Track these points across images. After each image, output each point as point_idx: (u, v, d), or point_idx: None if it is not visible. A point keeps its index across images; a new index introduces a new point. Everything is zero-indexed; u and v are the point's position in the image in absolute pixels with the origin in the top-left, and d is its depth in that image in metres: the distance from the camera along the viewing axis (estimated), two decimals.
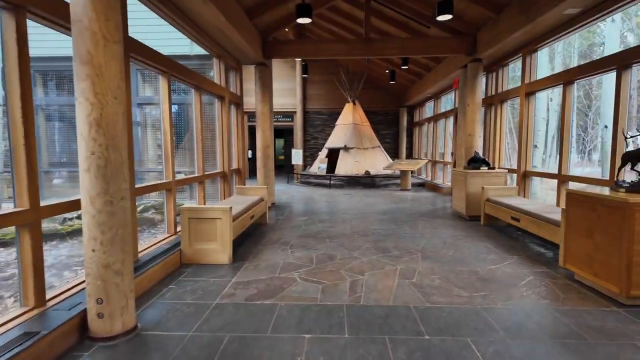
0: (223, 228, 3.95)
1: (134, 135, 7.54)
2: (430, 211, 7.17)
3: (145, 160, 8.66)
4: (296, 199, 8.92)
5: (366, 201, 8.52)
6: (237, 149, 7.30)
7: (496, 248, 4.52)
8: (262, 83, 7.28)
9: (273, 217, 6.62)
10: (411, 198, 9.07)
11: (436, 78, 9.69)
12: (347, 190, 10.80)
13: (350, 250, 4.45)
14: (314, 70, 14.75)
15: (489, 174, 6.14)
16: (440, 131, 11.61)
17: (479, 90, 7.07)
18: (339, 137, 12.60)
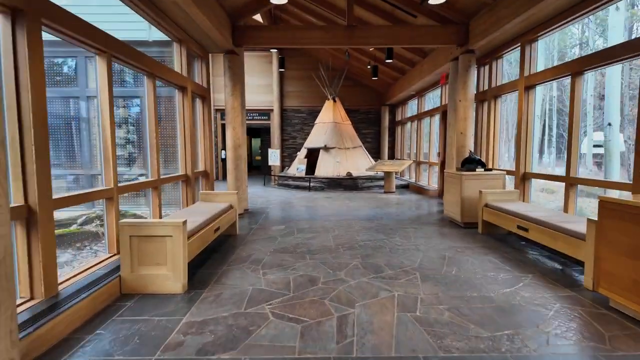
0: (175, 248, 3.11)
1: (74, 132, 6.54)
2: (419, 217, 6.52)
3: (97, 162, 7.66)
4: (273, 204, 8.10)
5: (349, 205, 7.81)
6: (204, 148, 6.43)
7: (504, 264, 3.88)
8: (232, 73, 6.44)
9: (245, 226, 5.80)
10: (397, 201, 8.42)
11: (421, 74, 9.10)
12: (328, 192, 10.07)
13: (335, 269, 3.70)
14: (292, 65, 13.96)
15: (485, 176, 5.54)
16: (425, 130, 11.06)
17: (472, 85, 6.49)
18: (319, 137, 11.86)
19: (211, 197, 5.20)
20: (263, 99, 14.06)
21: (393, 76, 11.78)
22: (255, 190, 10.75)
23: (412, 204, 8.00)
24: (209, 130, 6.52)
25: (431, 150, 10.10)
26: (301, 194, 9.79)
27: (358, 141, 12.29)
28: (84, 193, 3.22)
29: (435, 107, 9.55)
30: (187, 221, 3.27)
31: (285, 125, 14.32)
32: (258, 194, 9.93)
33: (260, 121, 14.38)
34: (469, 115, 6.51)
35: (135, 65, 4.09)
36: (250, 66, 13.89)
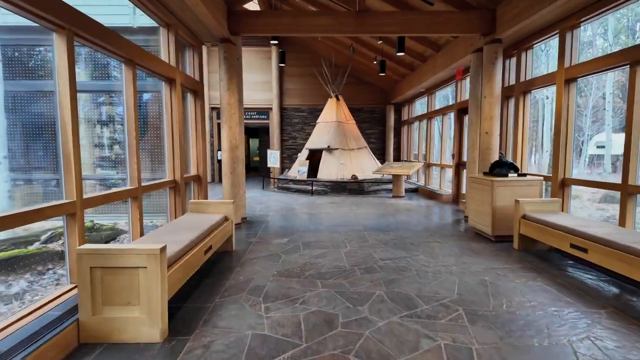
0: (150, 283, 2.36)
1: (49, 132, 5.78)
2: (440, 227, 5.79)
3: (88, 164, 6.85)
4: (273, 211, 7.35)
5: (357, 213, 7.06)
6: (197, 150, 5.67)
7: (561, 293, 3.15)
8: (227, 65, 5.68)
9: (243, 239, 5.04)
10: (409, 208, 7.69)
11: (434, 69, 8.38)
12: (332, 197, 9.33)
13: (354, 302, 2.96)
14: (292, 62, 13.21)
15: (520, 182, 4.81)
16: (436, 130, 10.34)
17: (498, 79, 5.76)
18: (321, 137, 11.12)
19: (203, 207, 4.44)
20: (262, 97, 13.31)
21: (400, 73, 11.05)
22: (253, 194, 9.99)
23: (426, 211, 7.26)
24: (202, 129, 5.77)
25: (443, 151, 9.38)
26: (303, 199, 9.05)
27: (363, 142, 11.56)
28: (33, 210, 2.46)
29: (449, 105, 8.83)
30: (166, 246, 2.52)
31: (285, 125, 13.57)
32: (256, 198, 9.18)
33: (259, 120, 13.62)
34: (495, 113, 5.78)
35: (108, 48, 3.33)
36: (248, 62, 13.14)
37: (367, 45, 10.17)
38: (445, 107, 9.19)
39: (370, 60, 10.97)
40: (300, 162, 11.10)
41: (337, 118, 11.24)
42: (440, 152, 9.61)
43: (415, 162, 9.78)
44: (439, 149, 9.90)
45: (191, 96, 5.61)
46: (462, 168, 8.26)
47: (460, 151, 8.30)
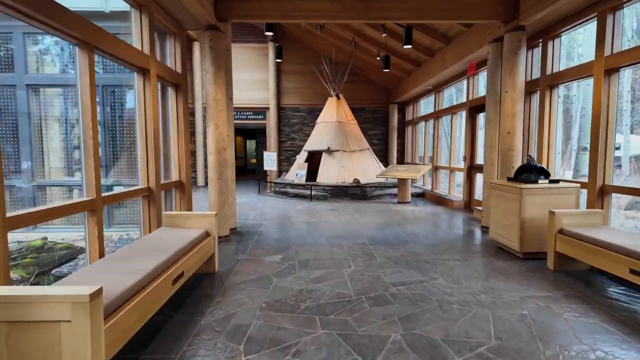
0: (78, 342, 1.66)
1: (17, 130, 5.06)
2: (456, 240, 5.09)
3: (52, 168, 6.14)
4: (268, 219, 6.65)
5: (361, 222, 6.36)
6: (179, 152, 4.97)
7: (629, 334, 2.45)
8: (214, 55, 4.99)
9: (229, 256, 4.34)
10: (417, 215, 6.99)
11: (444, 63, 7.70)
12: (333, 203, 8.63)
13: (365, 353, 2.25)
14: (290, 59, 12.54)
15: (554, 190, 4.11)
16: (444, 131, 9.66)
17: (522, 71, 5.08)
18: (321, 138, 10.43)
19: (179, 220, 3.74)
20: (258, 96, 12.63)
21: (405, 69, 10.37)
22: (248, 200, 9.29)
23: (437, 220, 6.56)
24: (186, 128, 5.07)
25: (453, 153, 8.69)
26: (301, 205, 8.35)
27: (365, 143, 10.86)
28: None
29: (460, 103, 8.14)
30: (102, 289, 1.81)
31: (283, 126, 12.89)
32: (251, 204, 8.48)
33: (255, 121, 12.93)
34: (518, 110, 5.09)
35: (52, 25, 2.63)
36: (243, 59, 12.48)
37: (370, 40, 9.49)
38: (455, 105, 8.50)
39: (373, 56, 10.29)
40: (299, 165, 10.40)
41: (338, 118, 10.56)
42: (449, 154, 8.92)
43: (422, 165, 9.09)
44: (448, 151, 9.21)
45: (172, 91, 4.91)
46: (474, 172, 7.57)
47: (473, 153, 7.61)
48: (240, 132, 17.23)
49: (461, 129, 8.34)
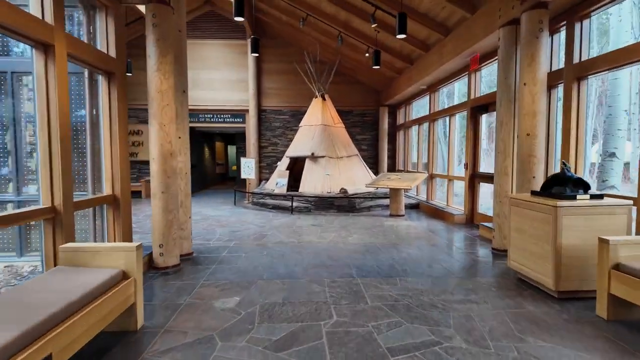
0: None
1: None
2: (466, 269, 4.06)
3: None
4: (236, 239, 5.54)
5: (348, 242, 5.31)
6: (112, 159, 3.86)
7: None
8: (159, 36, 3.90)
9: (169, 297, 3.23)
10: (414, 233, 5.96)
11: (441, 58, 6.76)
12: (317, 216, 7.55)
13: None
14: (272, 57, 11.52)
15: (598, 209, 3.13)
16: (440, 135, 8.71)
17: (545, 59, 4.12)
18: (305, 143, 9.38)
19: (84, 257, 2.62)
20: (236, 97, 11.54)
21: (397, 68, 9.43)
22: (219, 213, 8.15)
23: (438, 239, 5.54)
24: (123, 128, 3.95)
25: (451, 160, 7.72)
26: (280, 219, 7.25)
27: (354, 149, 9.85)
28: None
29: (460, 103, 7.19)
30: None
31: (264, 129, 11.81)
32: (222, 219, 7.34)
33: (233, 124, 11.83)
34: (540, 107, 4.13)
35: None
36: (219, 57, 11.41)
37: (358, 33, 8.53)
38: (454, 106, 7.54)
39: (361, 53, 9.33)
40: (279, 173, 9.32)
41: (323, 121, 9.54)
42: (446, 160, 7.96)
43: (417, 173, 8.10)
44: (445, 157, 8.27)
45: (104, 80, 3.81)
46: (477, 181, 6.60)
47: (476, 159, 6.65)
48: (221, 137, 16.08)
49: (459, 132, 7.39)
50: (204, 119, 11.69)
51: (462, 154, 8.14)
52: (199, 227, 6.45)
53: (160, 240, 3.99)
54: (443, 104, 9.10)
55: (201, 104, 11.45)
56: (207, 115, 11.66)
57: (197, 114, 11.63)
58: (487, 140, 12.26)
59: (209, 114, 11.65)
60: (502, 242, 4.64)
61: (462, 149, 11.27)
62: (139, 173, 11.60)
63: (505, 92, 4.61)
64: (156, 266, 4.02)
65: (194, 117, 11.62)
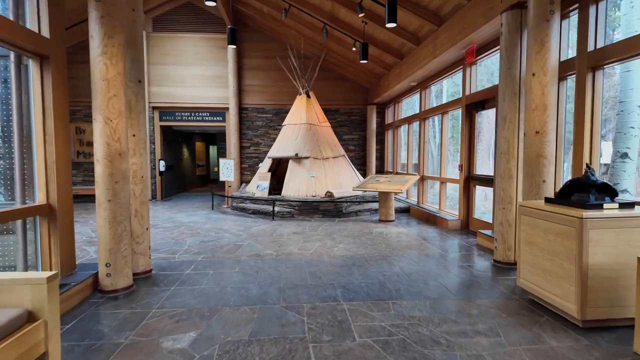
0: None
1: None
2: (468, 289, 3.51)
3: None
4: (206, 251, 4.89)
5: (333, 254, 4.71)
6: (46, 160, 3.18)
7: None
8: (104, 11, 3.22)
9: (107, 334, 2.58)
10: (406, 242, 5.41)
11: (435, 51, 6.24)
12: (301, 222, 6.94)
13: None
14: (253, 53, 10.87)
15: (631, 220, 2.61)
16: (431, 134, 8.22)
17: (555, 45, 3.61)
18: (288, 143, 8.77)
19: None
20: (215, 95, 10.84)
21: (385, 63, 8.90)
22: (194, 219, 7.46)
23: (433, 249, 5.00)
24: (62, 123, 3.28)
25: (444, 161, 7.21)
26: (260, 226, 6.62)
27: (340, 149, 9.28)
28: None
29: (454, 100, 6.68)
30: None
31: (246, 129, 11.14)
32: (196, 225, 6.67)
33: (212, 123, 11.12)
34: (551, 100, 3.61)
35: None
36: (196, 52, 10.71)
37: (344, 26, 7.96)
38: (446, 103, 7.04)
39: (348, 47, 8.77)
40: (261, 175, 8.68)
41: (308, 119, 8.94)
42: (438, 162, 7.45)
43: (408, 175, 7.56)
44: (437, 158, 7.77)
45: (35, 65, 3.13)
46: (473, 184, 6.10)
47: (471, 161, 6.15)
48: (202, 137, 15.32)
49: (452, 131, 6.90)
50: (181, 118, 10.96)
51: (456, 154, 7.65)
52: (167, 236, 5.78)
53: (107, 258, 3.32)
54: (433, 103, 8.57)
55: (178, 102, 10.73)
56: (184, 113, 10.93)
57: (174, 112, 10.90)
58: (484, 140, 11.60)
59: (187, 112, 10.92)
60: (506, 254, 4.11)
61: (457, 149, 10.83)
62: None
63: (508, 85, 4.09)
64: (102, 289, 3.35)
65: (170, 115, 10.89)
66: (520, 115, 4.04)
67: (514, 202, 4.09)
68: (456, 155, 7.47)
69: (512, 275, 3.85)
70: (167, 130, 11.41)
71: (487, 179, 5.68)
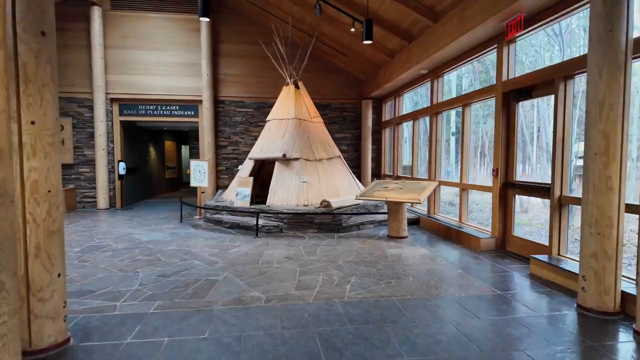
0: None
1: None
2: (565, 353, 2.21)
3: None
4: (162, 294, 3.40)
5: (349, 295, 3.32)
6: None
7: None
8: None
9: None
10: (437, 271, 4.09)
11: (462, 25, 4.97)
12: (292, 241, 5.52)
13: None
14: (231, 36, 9.37)
15: None
16: (443, 133, 6.99)
17: None
18: (273, 141, 7.33)
19: None
20: (186, 85, 9.26)
21: (388, 49, 7.60)
22: (157, 236, 5.91)
23: (478, 284, 3.70)
24: None
25: (465, 163, 5.97)
26: (240, 246, 5.16)
27: (335, 149, 7.93)
28: None
29: (484, 88, 5.43)
30: None
31: (223, 125, 9.60)
32: (157, 246, 5.13)
33: (183, 118, 9.53)
34: None
35: None
36: (165, 34, 9.12)
37: (341, 1, 6.61)
38: (471, 92, 5.79)
39: (344, 29, 7.43)
40: (241, 181, 7.19)
41: (297, 114, 7.54)
42: (458, 164, 6.21)
43: (424, 181, 6.27)
44: (456, 160, 6.53)
45: None
46: (513, 193, 4.86)
47: (510, 163, 4.91)
48: (172, 135, 13.60)
49: (480, 127, 5.66)
50: (145, 112, 9.31)
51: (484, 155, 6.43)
52: (113, 266, 4.24)
53: None
54: (451, 90, 7.35)
55: (142, 93, 9.08)
56: (149, 106, 9.29)
57: (137, 105, 9.25)
58: (531, 136, 9.26)
59: (152, 105, 9.28)
60: (603, 299, 2.86)
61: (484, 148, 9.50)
62: None
63: (607, 55, 2.83)
64: None
65: (133, 108, 9.23)
66: (625, 98, 2.79)
67: (616, 224, 2.83)
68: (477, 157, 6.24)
69: (622, 332, 2.60)
70: (130, 126, 9.73)
71: (536, 188, 4.44)
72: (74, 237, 5.79)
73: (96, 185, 8.95)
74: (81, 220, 7.36)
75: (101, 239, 5.66)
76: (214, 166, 9.41)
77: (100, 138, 8.83)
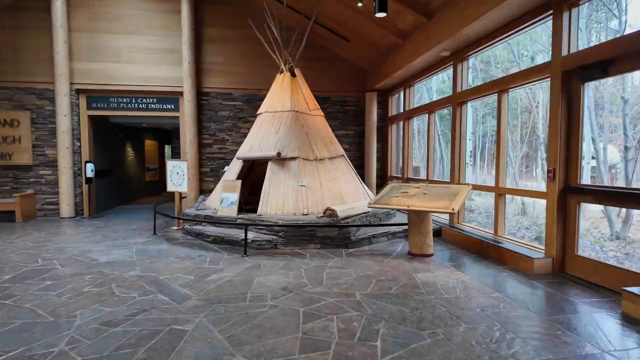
0: None
1: None
2: None
3: None
4: (92, 358, 2.22)
5: (362, 357, 2.19)
6: None
7: None
8: None
9: None
10: (495, 314, 2.97)
11: None
12: (289, 261, 4.36)
13: None
14: (217, 19, 8.21)
15: None
16: (469, 125, 5.88)
17: None
18: (266, 138, 6.16)
19: None
20: (165, 75, 8.05)
21: (400, 30, 6.48)
22: (119, 254, 4.69)
23: (548, 330, 2.58)
24: None
25: (501, 164, 4.87)
26: (224, 270, 3.99)
27: (339, 147, 6.79)
28: None
29: (536, 67, 4.32)
30: None
31: (207, 120, 8.40)
32: (114, 271, 3.92)
33: (161, 112, 8.31)
34: None
35: None
36: (140, 16, 7.92)
37: None
38: (515, 74, 4.69)
39: (348, 4, 6.30)
40: (226, 185, 6.00)
41: (294, 106, 6.39)
42: (492, 164, 5.10)
43: (456, 186, 5.14)
44: (485, 160, 5.43)
45: None
46: (577, 200, 3.76)
47: (573, 161, 3.81)
48: (153, 133, 12.32)
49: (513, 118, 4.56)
50: (117, 105, 8.08)
51: (531, 155, 5.33)
52: (44, 304, 3.03)
53: None
54: (422, 99, 6.27)
55: (112, 83, 7.86)
56: (122, 99, 8.06)
57: (108, 98, 8.01)
58: (593, 127, 7.05)
59: (124, 98, 8.05)
60: None
61: (531, 146, 8.51)
62: (14, 184, 7.73)
63: None
64: None
65: (103, 101, 8.00)
66: None
67: None
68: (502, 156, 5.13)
69: None
70: (101, 122, 8.48)
71: (616, 194, 3.35)
72: (12, 258, 4.55)
73: (59, 190, 7.67)
74: (34, 233, 6.10)
75: (47, 260, 4.44)
76: (197, 167, 8.21)
77: (63, 135, 7.57)
